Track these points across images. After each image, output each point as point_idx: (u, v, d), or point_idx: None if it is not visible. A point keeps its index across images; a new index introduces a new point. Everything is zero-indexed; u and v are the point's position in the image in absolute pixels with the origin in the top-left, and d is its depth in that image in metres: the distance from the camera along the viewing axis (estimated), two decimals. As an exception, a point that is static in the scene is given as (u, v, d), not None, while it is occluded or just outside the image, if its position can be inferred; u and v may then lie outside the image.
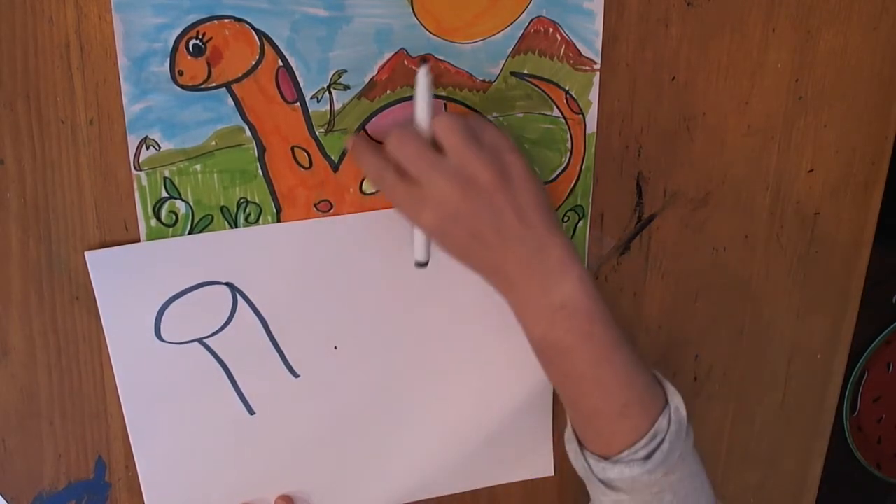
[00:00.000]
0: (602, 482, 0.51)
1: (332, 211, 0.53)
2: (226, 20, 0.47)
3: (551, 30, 0.53)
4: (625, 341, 0.50)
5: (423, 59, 0.49)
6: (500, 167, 0.48)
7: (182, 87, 0.48)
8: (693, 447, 0.53)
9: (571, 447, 0.54)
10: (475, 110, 0.53)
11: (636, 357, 0.51)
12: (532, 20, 0.52)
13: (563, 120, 0.55)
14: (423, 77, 0.49)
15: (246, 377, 0.55)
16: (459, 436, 0.61)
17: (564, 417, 0.64)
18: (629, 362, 0.50)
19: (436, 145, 0.49)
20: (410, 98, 0.52)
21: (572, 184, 0.57)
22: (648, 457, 0.50)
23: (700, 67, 0.57)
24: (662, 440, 0.50)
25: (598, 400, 0.51)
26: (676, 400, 0.52)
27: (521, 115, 0.54)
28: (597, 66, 0.55)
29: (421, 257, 0.53)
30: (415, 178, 0.48)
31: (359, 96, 0.51)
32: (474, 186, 0.47)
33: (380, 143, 0.52)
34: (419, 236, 0.52)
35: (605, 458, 0.51)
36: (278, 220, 0.53)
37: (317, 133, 0.51)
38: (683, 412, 0.52)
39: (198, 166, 0.50)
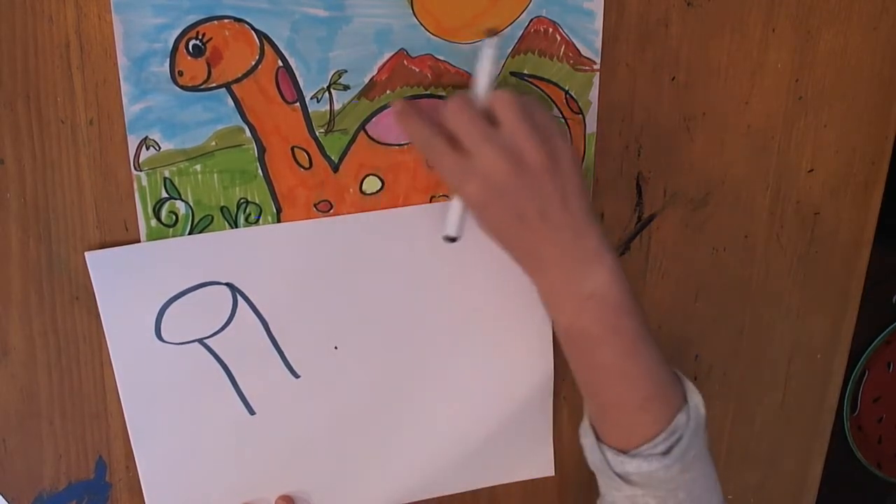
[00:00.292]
0: (618, 476, 0.51)
1: (332, 211, 0.53)
2: (226, 20, 0.47)
3: (551, 30, 0.53)
4: (650, 335, 0.50)
5: (493, 31, 0.49)
6: (550, 150, 0.48)
7: (182, 87, 0.48)
8: (707, 448, 0.53)
9: (588, 440, 0.54)
10: (475, 110, 0.53)
11: (659, 352, 0.51)
12: (532, 20, 0.52)
13: (562, 120, 0.55)
14: (490, 48, 0.49)
15: (246, 377, 0.55)
16: (459, 436, 0.61)
17: (564, 418, 0.64)
18: (653, 356, 0.50)
19: (489, 119, 0.48)
20: (410, 98, 0.52)
21: (572, 184, 0.57)
22: (667, 452, 0.50)
23: (700, 67, 0.57)
24: (681, 436, 0.50)
25: (620, 392, 0.51)
26: (696, 398, 0.52)
27: (521, 115, 0.54)
28: (597, 66, 0.55)
29: (452, 232, 0.52)
30: (465, 148, 0.48)
31: (359, 96, 0.51)
32: (524, 165, 0.47)
33: (386, 144, 0.52)
34: (455, 210, 0.52)
35: (624, 451, 0.51)
36: (278, 221, 0.53)
37: (317, 133, 0.51)
38: (702, 411, 0.52)
39: (198, 166, 0.50)
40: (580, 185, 0.49)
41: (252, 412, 0.56)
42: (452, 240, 0.52)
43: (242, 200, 0.52)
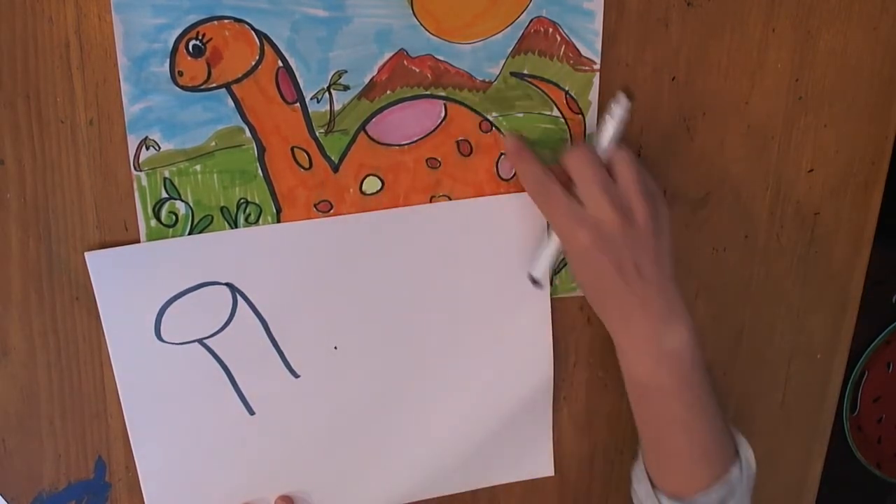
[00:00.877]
0: None
1: (332, 211, 0.53)
2: (226, 21, 0.47)
3: (551, 30, 0.53)
4: (713, 389, 0.54)
5: (628, 93, 0.52)
6: (655, 212, 0.51)
7: (182, 87, 0.48)
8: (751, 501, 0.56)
9: (642, 486, 0.57)
10: (476, 111, 0.53)
11: (719, 406, 0.54)
12: (532, 20, 0.52)
13: (562, 120, 0.55)
14: (621, 107, 0.52)
15: (246, 377, 0.55)
16: (459, 436, 0.61)
17: (564, 418, 0.64)
18: (715, 411, 0.54)
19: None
20: (410, 98, 0.52)
21: (572, 184, 0.57)
22: (721, 503, 0.53)
23: (700, 67, 0.57)
24: (734, 488, 0.53)
25: (683, 442, 0.53)
26: (749, 453, 0.56)
27: (521, 114, 0.54)
28: (596, 67, 0.55)
29: (539, 275, 0.55)
30: (581, 196, 0.51)
31: (359, 97, 0.51)
32: (633, 221, 0.50)
33: (386, 144, 0.53)
34: (548, 254, 0.55)
35: (680, 499, 0.54)
36: (278, 221, 0.53)
37: (317, 133, 0.51)
38: (754, 465, 0.55)
39: (198, 167, 0.50)
40: (671, 249, 0.53)
41: (252, 412, 0.56)
42: (537, 284, 0.55)
43: (242, 200, 0.52)
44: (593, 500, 0.68)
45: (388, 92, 0.52)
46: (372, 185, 0.54)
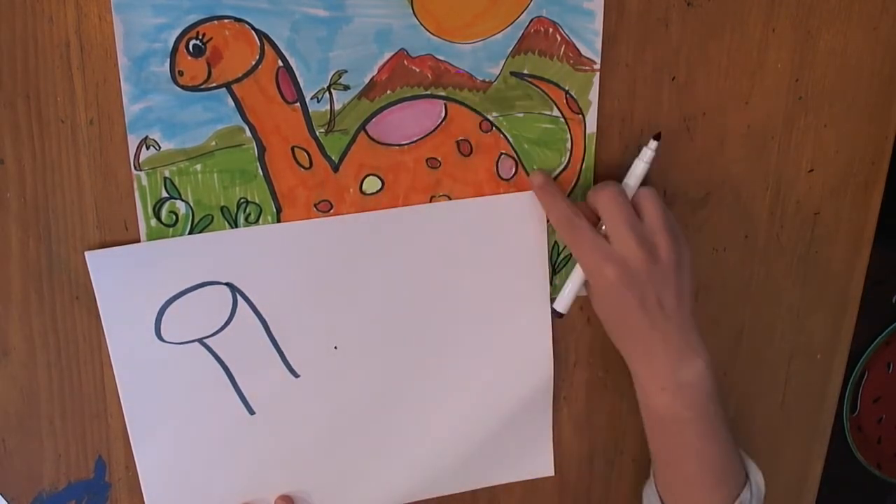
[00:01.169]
0: None
1: (332, 211, 0.53)
2: (226, 20, 0.47)
3: (551, 30, 0.53)
4: (727, 418, 0.55)
5: (658, 136, 0.54)
6: (679, 250, 0.53)
7: (182, 87, 0.48)
8: None
9: None
10: (476, 111, 0.53)
11: (731, 433, 0.56)
12: (532, 20, 0.52)
13: (562, 120, 0.55)
14: (651, 150, 0.54)
15: (246, 377, 0.55)
16: (459, 436, 0.61)
17: (564, 418, 0.64)
18: (728, 438, 0.55)
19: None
20: (411, 98, 0.52)
21: (572, 184, 0.57)
22: None
23: (700, 67, 0.57)
24: None
25: (696, 469, 0.55)
26: (758, 477, 0.57)
27: (521, 114, 0.54)
28: (597, 66, 0.55)
29: (563, 308, 0.57)
30: (608, 233, 0.52)
31: (359, 96, 0.51)
32: (657, 257, 0.52)
33: (387, 144, 0.53)
34: (572, 288, 0.56)
35: None
36: (278, 220, 0.53)
37: (317, 133, 0.51)
38: (763, 489, 0.57)
39: (198, 166, 0.50)
40: (692, 286, 0.55)
41: (252, 412, 0.56)
42: (560, 316, 0.57)
43: (242, 200, 0.52)
44: (593, 500, 0.68)
45: (389, 92, 0.52)
46: (372, 184, 0.54)
